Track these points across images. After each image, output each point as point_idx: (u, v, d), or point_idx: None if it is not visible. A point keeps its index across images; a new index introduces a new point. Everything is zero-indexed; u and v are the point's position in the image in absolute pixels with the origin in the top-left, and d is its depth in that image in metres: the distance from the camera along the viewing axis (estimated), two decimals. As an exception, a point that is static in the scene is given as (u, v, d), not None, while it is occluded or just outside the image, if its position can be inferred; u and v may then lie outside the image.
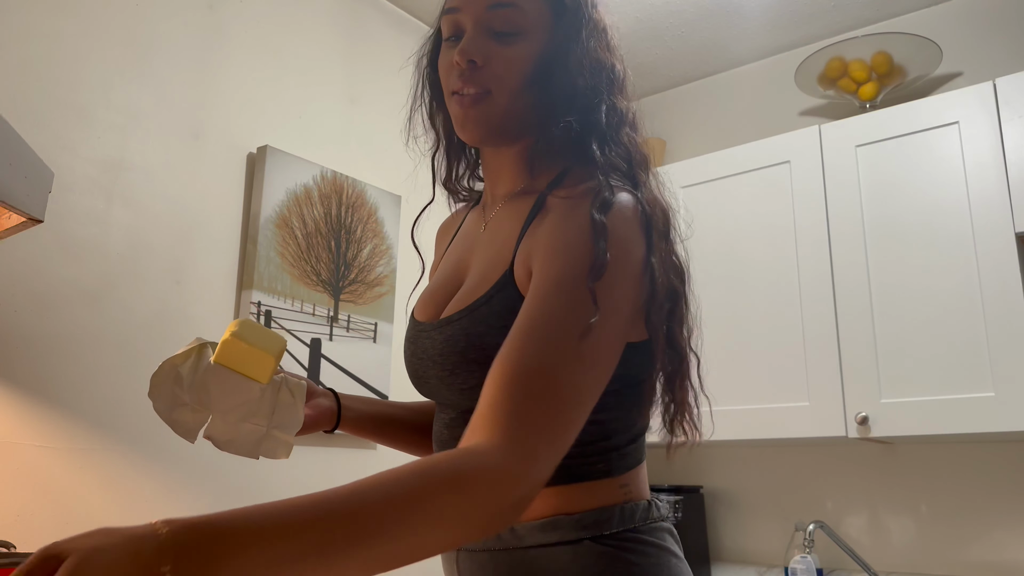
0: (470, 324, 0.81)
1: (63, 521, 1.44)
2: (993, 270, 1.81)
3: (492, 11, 0.83)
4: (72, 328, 1.52)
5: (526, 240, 0.81)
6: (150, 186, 1.68)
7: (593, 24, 0.88)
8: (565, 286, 0.73)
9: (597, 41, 0.87)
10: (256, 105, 1.93)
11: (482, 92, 0.84)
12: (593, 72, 0.85)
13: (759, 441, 2.15)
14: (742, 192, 2.23)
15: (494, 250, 0.86)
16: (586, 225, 0.75)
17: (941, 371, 1.84)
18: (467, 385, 0.81)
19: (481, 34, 0.84)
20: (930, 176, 1.94)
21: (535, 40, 0.84)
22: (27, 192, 1.09)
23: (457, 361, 0.82)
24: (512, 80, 0.83)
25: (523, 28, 0.84)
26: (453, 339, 0.82)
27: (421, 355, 0.88)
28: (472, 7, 0.84)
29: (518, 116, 0.85)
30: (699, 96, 2.79)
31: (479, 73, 0.83)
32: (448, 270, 0.94)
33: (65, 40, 1.58)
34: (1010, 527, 1.98)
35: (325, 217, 2.00)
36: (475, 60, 0.83)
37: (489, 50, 0.83)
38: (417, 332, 0.90)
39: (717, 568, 2.35)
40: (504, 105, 0.84)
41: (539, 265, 0.76)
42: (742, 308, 2.15)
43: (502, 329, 0.75)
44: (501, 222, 0.88)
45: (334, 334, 1.97)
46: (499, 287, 0.81)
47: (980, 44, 2.25)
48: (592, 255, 0.73)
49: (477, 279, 0.85)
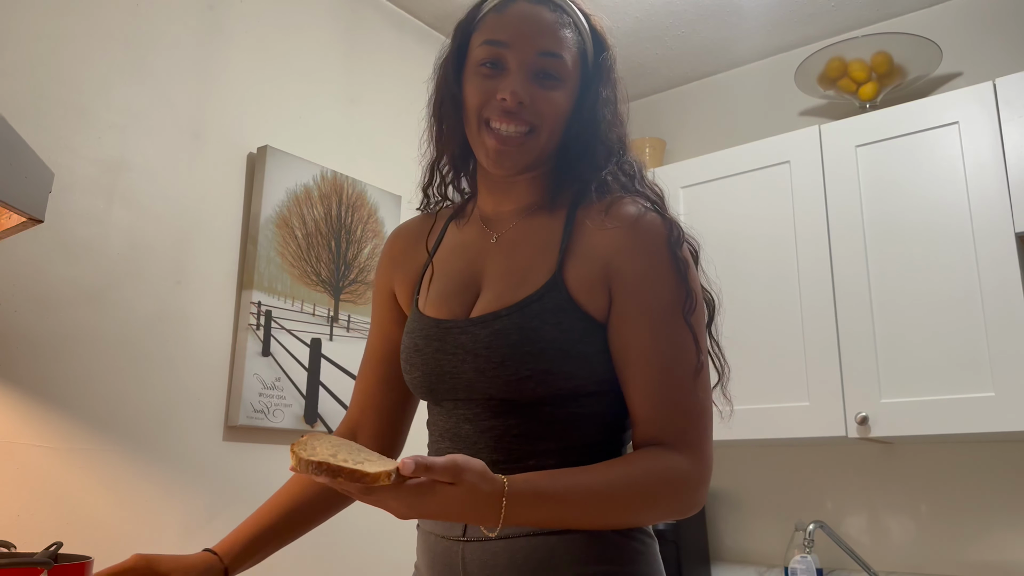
0: (522, 319, 0.88)
1: (63, 521, 1.44)
2: (993, 270, 1.81)
3: (541, 57, 0.92)
4: (72, 328, 1.52)
5: (581, 257, 0.91)
6: (150, 186, 1.68)
7: (616, 85, 0.99)
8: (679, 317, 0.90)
9: (619, 98, 0.98)
10: (256, 105, 1.93)
11: (527, 131, 0.92)
12: (613, 124, 0.97)
13: (759, 441, 2.15)
14: (742, 192, 2.23)
15: (525, 257, 0.94)
16: (670, 260, 0.91)
17: (941, 371, 1.84)
18: (516, 376, 0.87)
19: (527, 76, 0.92)
20: (930, 176, 1.94)
21: (571, 88, 0.95)
22: (27, 192, 1.09)
23: (507, 353, 0.87)
24: (553, 122, 0.93)
25: (563, 76, 0.93)
26: (503, 332, 0.88)
27: (453, 350, 0.92)
28: (522, 49, 0.92)
29: (546, 152, 0.95)
30: (699, 96, 2.79)
31: (525, 112, 0.91)
32: (457, 274, 0.98)
33: (65, 40, 1.58)
34: (1010, 527, 1.98)
35: (325, 217, 2.00)
36: (524, 102, 0.91)
37: (534, 92, 0.92)
38: (443, 330, 0.94)
39: (717, 568, 2.35)
40: (543, 144, 0.94)
41: (644, 296, 0.89)
42: (742, 308, 2.15)
43: (555, 325, 0.87)
44: (524, 234, 0.97)
45: (334, 334, 1.97)
46: (548, 288, 0.90)
47: (980, 44, 2.25)
48: (683, 291, 0.90)
49: (515, 280, 0.93)
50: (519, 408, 0.89)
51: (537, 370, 0.86)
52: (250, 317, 1.78)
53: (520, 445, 0.89)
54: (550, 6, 0.95)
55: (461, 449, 0.92)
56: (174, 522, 1.61)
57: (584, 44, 0.97)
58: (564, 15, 0.95)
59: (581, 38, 0.96)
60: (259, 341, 1.79)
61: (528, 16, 0.93)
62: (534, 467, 0.87)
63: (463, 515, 0.74)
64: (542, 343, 0.87)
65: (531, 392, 0.88)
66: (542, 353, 0.86)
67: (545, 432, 0.89)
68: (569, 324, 0.88)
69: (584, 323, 0.89)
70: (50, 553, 1.10)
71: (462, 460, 0.73)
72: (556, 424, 0.89)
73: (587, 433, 0.90)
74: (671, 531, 2.19)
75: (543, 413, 0.89)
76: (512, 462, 0.88)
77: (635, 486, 0.82)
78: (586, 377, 0.88)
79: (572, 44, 0.95)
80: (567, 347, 0.87)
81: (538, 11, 0.94)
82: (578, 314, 0.89)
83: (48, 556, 1.09)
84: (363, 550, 1.96)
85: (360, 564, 1.95)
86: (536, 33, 0.92)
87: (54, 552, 1.11)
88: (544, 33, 0.93)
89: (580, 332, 0.88)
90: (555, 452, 0.88)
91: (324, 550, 1.87)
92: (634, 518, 0.84)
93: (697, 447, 0.85)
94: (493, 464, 0.86)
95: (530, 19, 0.93)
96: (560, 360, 0.87)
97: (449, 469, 0.72)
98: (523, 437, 0.89)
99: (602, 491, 0.80)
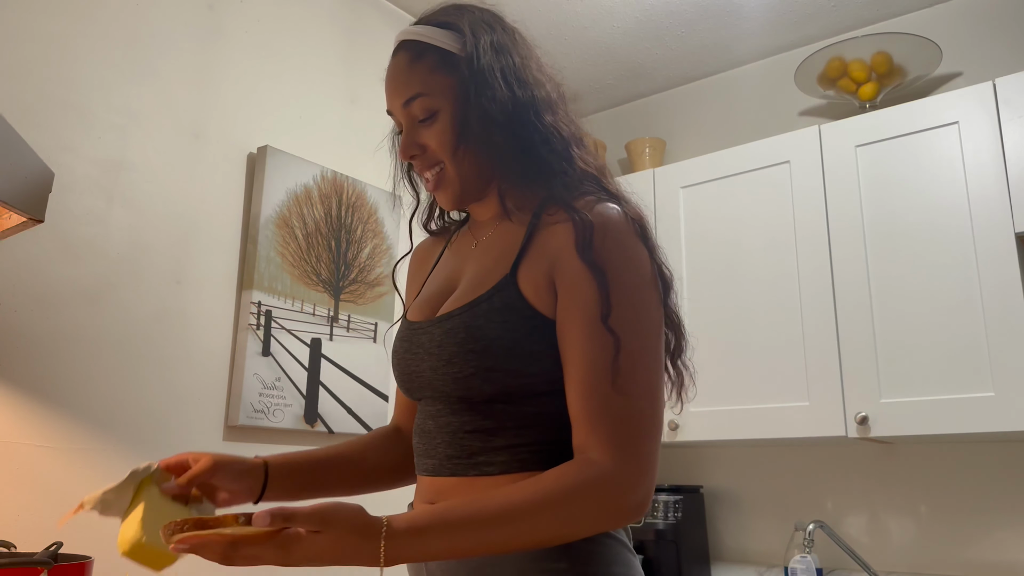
0: (470, 318, 0.90)
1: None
2: (993, 270, 1.81)
3: (407, 106, 0.97)
4: (72, 328, 1.52)
5: (533, 256, 0.91)
6: (150, 186, 1.68)
7: (496, 70, 0.96)
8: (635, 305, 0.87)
9: (507, 82, 0.96)
10: (256, 105, 1.93)
11: (435, 170, 0.98)
12: (517, 107, 0.95)
13: (759, 441, 2.15)
14: (742, 192, 2.23)
15: (491, 260, 0.96)
16: (599, 260, 0.87)
17: (941, 371, 1.84)
18: (462, 374, 0.89)
19: (410, 128, 0.98)
20: (930, 176, 1.94)
21: (447, 109, 0.96)
22: (27, 192, 1.09)
23: (454, 351, 0.90)
24: (446, 150, 0.96)
25: (435, 107, 0.96)
26: (453, 331, 0.91)
27: (416, 350, 0.96)
28: (395, 108, 0.99)
29: (471, 172, 0.97)
30: (699, 96, 2.79)
31: (424, 158, 0.98)
32: (440, 280, 1.03)
33: (65, 40, 1.58)
34: (1010, 527, 1.98)
35: (325, 217, 2.00)
36: (414, 153, 0.98)
37: (421, 138, 0.97)
38: (412, 331, 0.98)
39: (717, 568, 2.35)
40: (454, 171, 0.97)
41: (579, 293, 0.88)
42: (742, 308, 2.15)
43: (500, 323, 0.88)
44: (494, 240, 0.99)
45: (334, 334, 1.97)
46: (499, 287, 0.91)
47: (980, 44, 2.25)
48: (604, 294, 0.87)
49: (475, 282, 0.95)
50: (475, 406, 0.91)
51: (481, 367, 0.88)
52: (250, 317, 1.78)
53: (472, 442, 0.91)
54: (404, 47, 0.99)
55: (425, 444, 0.96)
56: (174, 522, 1.61)
57: (449, 53, 0.96)
58: (416, 45, 0.97)
59: (443, 51, 0.97)
60: (259, 341, 1.79)
61: (389, 76, 1.00)
62: (484, 463, 0.90)
63: (340, 559, 0.75)
64: (485, 340, 0.88)
65: (479, 389, 0.89)
66: (486, 350, 0.87)
67: (497, 430, 0.90)
68: (516, 322, 0.88)
69: (534, 321, 0.89)
70: (50, 553, 1.10)
71: (330, 507, 0.75)
72: (509, 422, 0.89)
73: (543, 432, 0.90)
74: (671, 531, 2.19)
75: (496, 411, 0.90)
76: (464, 458, 0.91)
77: (544, 504, 0.78)
78: (536, 375, 0.89)
79: (431, 68, 0.96)
80: (511, 344, 0.88)
81: (394, 64, 0.99)
82: (528, 312, 0.89)
83: (48, 556, 1.09)
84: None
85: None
86: (395, 88, 0.98)
87: (54, 552, 1.11)
88: (399, 83, 0.97)
89: (528, 330, 0.88)
90: (506, 449, 0.89)
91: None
92: (553, 534, 0.80)
93: (627, 449, 0.81)
94: (448, 459, 0.92)
95: (389, 78, 0.99)
96: (504, 357, 0.88)
97: (313, 517, 0.73)
98: (476, 434, 0.90)
99: (501, 515, 0.78)
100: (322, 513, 0.74)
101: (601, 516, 0.81)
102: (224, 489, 0.98)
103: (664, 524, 2.20)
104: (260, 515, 0.72)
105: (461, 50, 0.96)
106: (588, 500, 0.79)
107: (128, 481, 0.91)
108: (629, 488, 0.80)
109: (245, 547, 0.72)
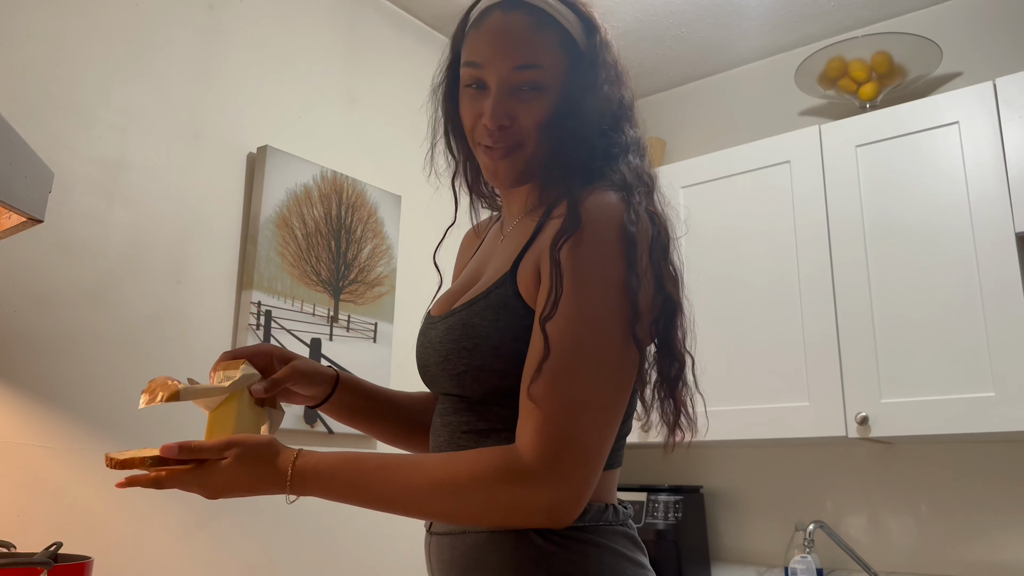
0: (468, 315, 0.90)
1: (63, 521, 1.44)
2: (993, 270, 1.81)
3: (517, 72, 0.90)
4: (72, 328, 1.52)
5: (531, 251, 0.90)
6: (150, 186, 1.68)
7: (606, 66, 0.94)
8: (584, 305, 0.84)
9: (608, 81, 0.93)
10: (256, 105, 1.93)
11: (512, 147, 0.92)
12: (604, 111, 0.92)
13: (759, 441, 2.15)
14: (742, 192, 2.23)
15: (504, 257, 0.95)
16: (571, 256, 0.84)
17: (941, 371, 1.84)
18: (456, 371, 0.89)
19: (505, 94, 0.91)
20: (930, 176, 1.94)
21: (554, 91, 0.91)
22: (27, 192, 1.09)
23: (451, 348, 0.90)
24: (537, 132, 0.91)
25: (543, 84, 0.91)
26: (452, 328, 0.91)
27: (427, 344, 0.96)
28: (496, 67, 0.90)
29: (540, 159, 0.94)
30: (699, 96, 2.79)
31: (507, 132, 0.91)
32: (468, 275, 1.03)
33: (65, 40, 1.58)
34: (1010, 527, 1.98)
35: (325, 217, 2.00)
36: (504, 124, 0.91)
37: (514, 109, 0.91)
38: (427, 325, 0.99)
39: (717, 568, 2.35)
40: (531, 153, 0.93)
41: (546, 288, 0.85)
42: (742, 308, 2.15)
43: (492, 321, 0.87)
44: (514, 235, 0.98)
45: (334, 334, 1.97)
46: (498, 284, 0.90)
47: (980, 44, 2.25)
48: (557, 292, 0.85)
49: (488, 279, 0.95)
50: (472, 406, 0.91)
51: (471, 366, 0.87)
52: (250, 317, 1.78)
53: (467, 442, 0.90)
54: (524, 9, 0.91)
55: (433, 440, 0.96)
56: (174, 522, 1.61)
57: (570, 35, 0.92)
58: (541, 14, 0.91)
59: (565, 30, 0.92)
60: (259, 341, 1.79)
61: (501, 30, 0.91)
62: None
63: (252, 487, 0.83)
64: (476, 339, 0.87)
65: (471, 388, 0.88)
66: (475, 349, 0.87)
67: (489, 432, 0.89)
68: (509, 322, 0.86)
69: (525, 321, 0.86)
70: (50, 553, 1.10)
71: (237, 438, 0.84)
72: (500, 424, 0.88)
73: None
74: (671, 531, 2.19)
75: (491, 413, 0.89)
76: None
77: (446, 476, 0.79)
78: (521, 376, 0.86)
79: (553, 44, 0.91)
80: (499, 344, 0.86)
81: (510, 21, 0.91)
82: (521, 311, 0.86)
83: (48, 556, 1.09)
84: (364, 550, 1.96)
85: (360, 564, 1.95)
86: (509, 48, 0.90)
87: (54, 552, 1.11)
88: (517, 46, 0.90)
89: (519, 330, 0.85)
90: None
91: (327, 549, 1.87)
92: (447, 509, 0.80)
93: (547, 450, 0.77)
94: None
95: (503, 33, 0.91)
96: (492, 357, 0.86)
97: (216, 447, 0.83)
98: (472, 434, 0.90)
99: (401, 476, 0.81)
100: (226, 444, 0.83)
101: (505, 506, 0.79)
102: (297, 393, 1.03)
103: (664, 524, 2.20)
104: (169, 446, 0.81)
105: (579, 35, 0.93)
106: (495, 487, 0.78)
107: (239, 383, 0.94)
108: (537, 487, 0.77)
109: (168, 482, 0.83)
